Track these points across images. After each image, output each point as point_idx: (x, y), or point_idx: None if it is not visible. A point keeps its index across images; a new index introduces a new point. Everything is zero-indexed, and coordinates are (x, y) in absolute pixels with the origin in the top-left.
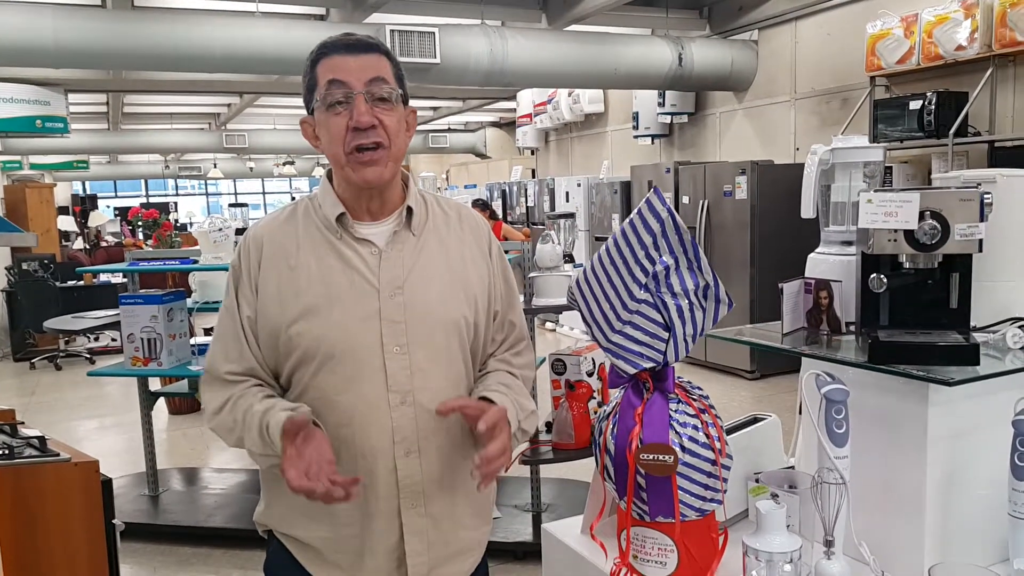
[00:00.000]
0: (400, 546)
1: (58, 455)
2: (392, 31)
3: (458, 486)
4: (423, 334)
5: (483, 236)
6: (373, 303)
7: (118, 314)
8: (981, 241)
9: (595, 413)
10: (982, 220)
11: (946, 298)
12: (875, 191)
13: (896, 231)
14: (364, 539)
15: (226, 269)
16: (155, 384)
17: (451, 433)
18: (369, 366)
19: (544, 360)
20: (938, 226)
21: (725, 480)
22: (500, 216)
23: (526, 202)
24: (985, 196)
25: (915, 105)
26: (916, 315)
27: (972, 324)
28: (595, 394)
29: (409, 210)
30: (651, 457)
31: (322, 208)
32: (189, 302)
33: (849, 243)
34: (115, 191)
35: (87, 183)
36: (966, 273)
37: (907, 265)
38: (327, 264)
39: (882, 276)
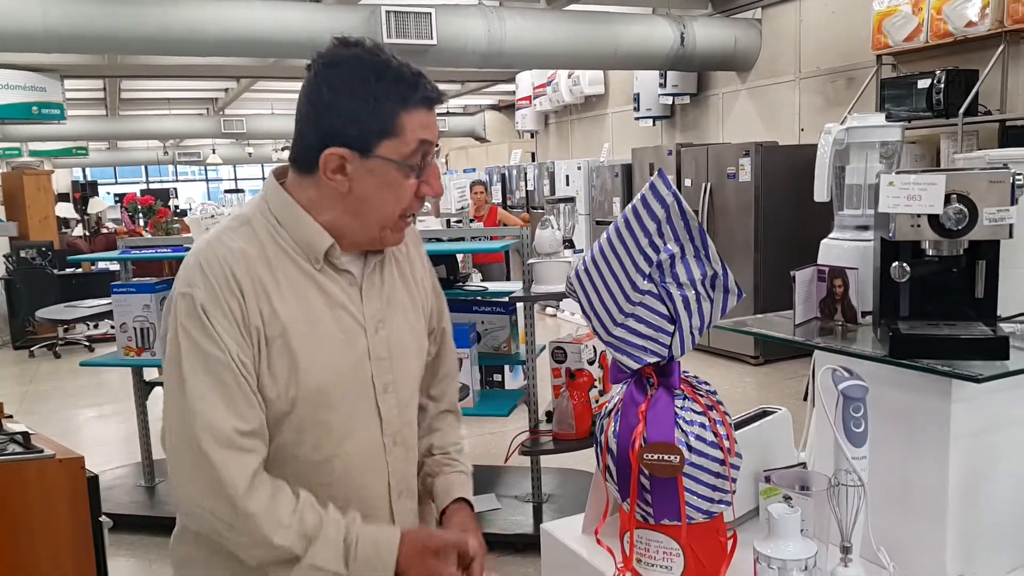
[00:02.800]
0: None
1: (42, 451)
2: (387, 12)
3: (431, 524)
4: (405, 369)
5: (418, 240)
6: (362, 341)
7: (111, 303)
8: (1011, 226)
9: (596, 402)
10: (1013, 203)
11: (971, 287)
12: (897, 172)
13: (919, 216)
14: None
15: None
16: (151, 373)
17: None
18: (364, 411)
19: (544, 348)
20: (965, 210)
21: (734, 480)
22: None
23: (526, 186)
24: (1017, 177)
25: (923, 84)
26: (938, 305)
27: (998, 314)
28: (596, 383)
29: None
30: (656, 457)
31: (291, 232)
32: None
33: (864, 228)
34: (115, 177)
35: (87, 169)
36: (993, 260)
37: (930, 252)
38: (309, 301)
39: (904, 265)
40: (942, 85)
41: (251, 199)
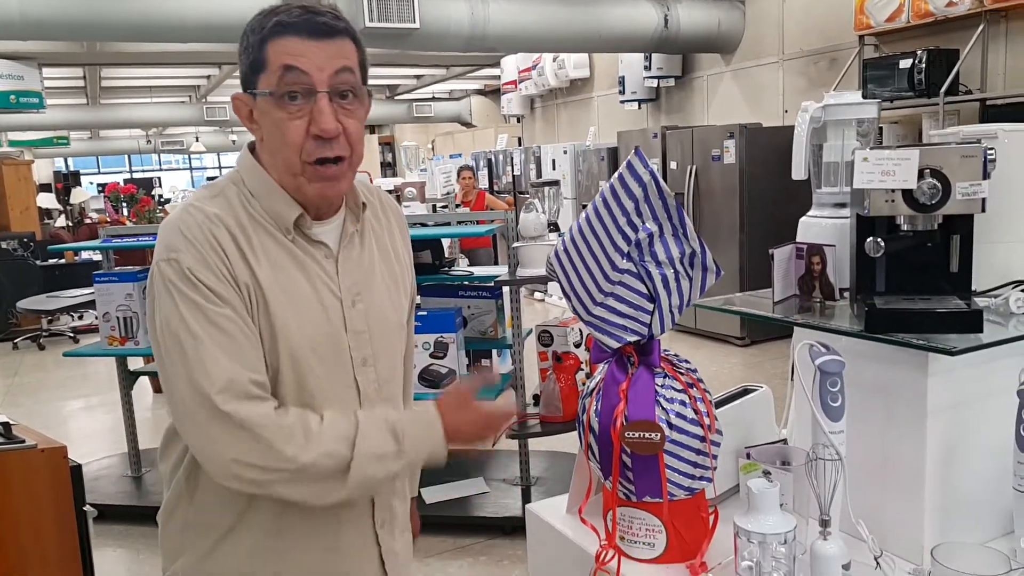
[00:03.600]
0: (381, 570)
1: (23, 441)
2: None
3: (404, 490)
4: (384, 343)
5: (404, 221)
6: (338, 314)
7: (94, 292)
8: (984, 200)
9: (583, 385)
10: (985, 178)
11: (946, 262)
12: (871, 148)
13: (893, 191)
14: (347, 570)
15: None
16: (135, 363)
17: None
18: (342, 383)
19: (531, 331)
20: (938, 185)
21: (715, 457)
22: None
23: (512, 171)
24: (988, 152)
25: (905, 64)
26: (914, 280)
27: (972, 288)
28: (583, 365)
29: (363, 207)
30: (637, 435)
31: (262, 202)
32: None
33: (842, 205)
34: (98, 167)
35: (69, 159)
36: (967, 235)
37: (905, 227)
38: (286, 272)
39: (879, 240)
40: (923, 65)
41: (227, 172)
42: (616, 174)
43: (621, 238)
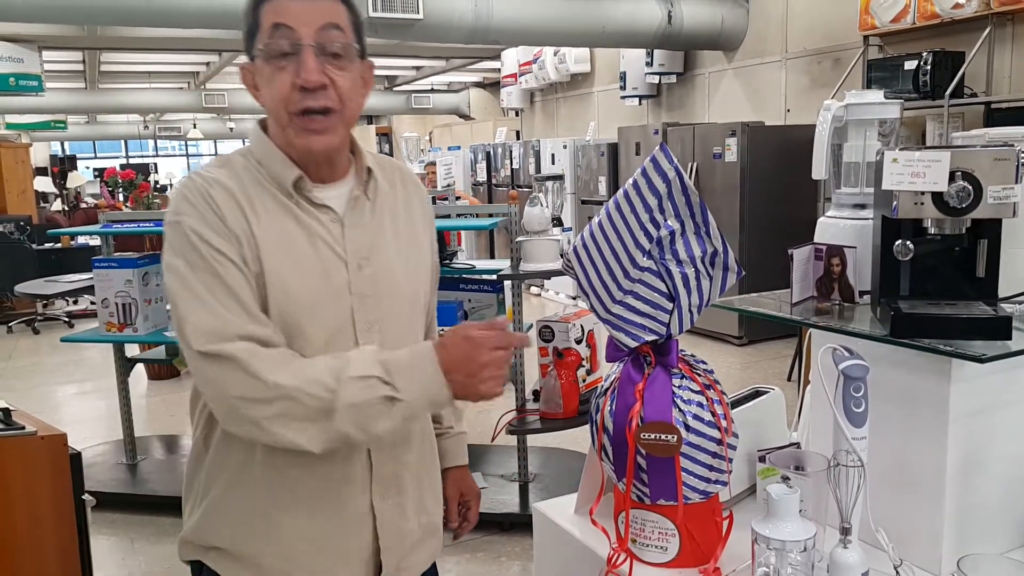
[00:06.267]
0: (374, 543)
1: (23, 428)
2: None
3: (424, 471)
4: (393, 310)
5: (425, 197)
6: (342, 275)
7: (92, 278)
8: (1016, 205)
9: (583, 381)
10: (1017, 181)
11: (972, 266)
12: (900, 149)
13: (923, 193)
14: (338, 543)
15: None
16: (132, 350)
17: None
18: (340, 346)
19: (531, 327)
20: (970, 188)
21: (731, 460)
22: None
23: (511, 164)
24: (1022, 155)
25: (910, 65)
26: (938, 285)
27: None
28: (584, 362)
29: (369, 171)
30: (653, 436)
31: (266, 167)
32: None
33: (862, 206)
34: (95, 152)
35: (66, 143)
36: (995, 240)
37: (932, 231)
38: (287, 230)
39: (908, 243)
40: (929, 67)
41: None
42: (639, 169)
43: (643, 235)
